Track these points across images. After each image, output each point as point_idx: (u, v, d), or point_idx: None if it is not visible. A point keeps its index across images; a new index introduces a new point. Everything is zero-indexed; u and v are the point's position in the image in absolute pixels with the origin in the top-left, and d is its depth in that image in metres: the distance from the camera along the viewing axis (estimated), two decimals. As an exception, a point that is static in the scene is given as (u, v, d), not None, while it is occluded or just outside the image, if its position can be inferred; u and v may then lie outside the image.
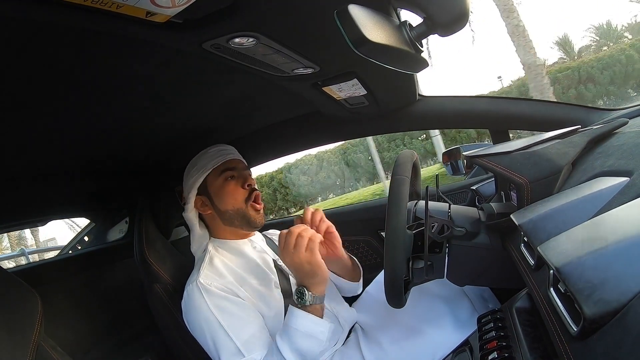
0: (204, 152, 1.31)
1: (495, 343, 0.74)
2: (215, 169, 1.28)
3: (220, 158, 1.29)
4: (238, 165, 1.32)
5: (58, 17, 0.52)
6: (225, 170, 1.28)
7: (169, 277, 1.32)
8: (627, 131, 0.90)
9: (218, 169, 1.28)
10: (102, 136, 1.12)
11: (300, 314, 1.03)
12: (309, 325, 1.03)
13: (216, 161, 1.28)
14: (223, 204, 1.27)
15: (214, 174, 1.28)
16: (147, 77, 0.86)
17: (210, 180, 1.28)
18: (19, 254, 7.10)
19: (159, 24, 0.58)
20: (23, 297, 0.95)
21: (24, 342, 0.86)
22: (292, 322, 1.03)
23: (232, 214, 1.27)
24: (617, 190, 0.61)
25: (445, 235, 0.96)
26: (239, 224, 1.29)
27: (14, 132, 0.90)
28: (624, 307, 0.38)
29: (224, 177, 1.28)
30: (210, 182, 1.28)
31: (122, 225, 2.01)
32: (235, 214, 1.27)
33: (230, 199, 1.27)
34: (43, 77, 0.71)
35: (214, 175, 1.28)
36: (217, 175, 1.28)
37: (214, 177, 1.28)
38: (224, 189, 1.27)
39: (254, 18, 0.63)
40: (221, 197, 1.27)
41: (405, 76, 1.18)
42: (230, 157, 1.31)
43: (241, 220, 1.28)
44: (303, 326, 1.02)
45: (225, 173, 1.28)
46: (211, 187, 1.28)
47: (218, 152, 1.31)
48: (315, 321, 1.03)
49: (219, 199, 1.27)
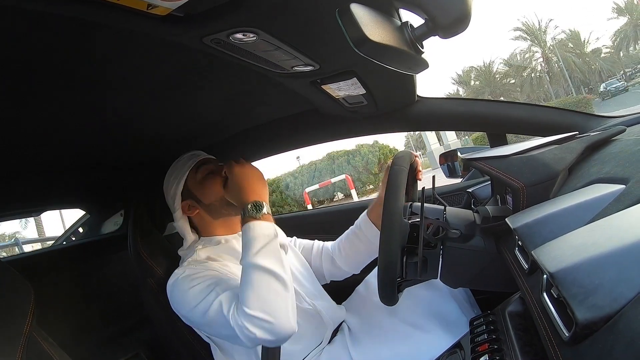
0: (176, 162, 1.33)
1: (486, 346, 0.74)
2: (192, 169, 1.29)
3: (193, 159, 1.31)
4: (211, 161, 1.33)
5: (57, 8, 0.51)
6: (200, 166, 1.30)
7: (162, 271, 1.31)
8: (625, 139, 0.90)
9: (194, 169, 1.29)
10: (99, 129, 1.11)
11: (261, 223, 1.02)
12: (270, 230, 1.02)
13: (190, 163, 1.29)
14: (207, 198, 1.27)
15: (192, 174, 1.29)
16: (145, 72, 0.85)
17: (190, 181, 1.29)
18: (12, 243, 7.07)
19: (159, 17, 0.58)
20: (15, 287, 0.94)
21: (15, 333, 0.86)
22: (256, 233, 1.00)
23: (217, 205, 1.27)
24: (613, 198, 0.61)
25: (439, 236, 0.97)
26: (226, 211, 1.28)
27: (10, 124, 0.90)
28: (616, 314, 0.38)
29: (201, 172, 1.28)
30: (190, 183, 1.29)
31: (117, 218, 2.00)
32: (221, 203, 1.26)
33: (212, 190, 1.26)
34: (40, 69, 0.71)
35: (192, 176, 1.29)
36: (194, 174, 1.29)
37: (193, 177, 1.29)
38: (204, 183, 1.27)
39: (255, 14, 0.63)
40: (203, 191, 1.27)
41: (405, 77, 1.18)
42: (203, 157, 1.33)
43: (227, 207, 1.27)
44: (265, 231, 1.01)
45: (201, 168, 1.29)
46: (192, 187, 1.29)
47: (190, 156, 1.33)
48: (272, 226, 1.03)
49: (202, 194, 1.28)
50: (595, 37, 54.18)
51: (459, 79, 41.52)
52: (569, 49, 35.38)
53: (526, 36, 35.95)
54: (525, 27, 35.61)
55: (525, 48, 36.85)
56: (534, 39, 35.66)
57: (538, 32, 35.32)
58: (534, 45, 36.10)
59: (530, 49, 36.59)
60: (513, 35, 37.12)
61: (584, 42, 36.52)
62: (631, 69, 33.57)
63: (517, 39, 36.37)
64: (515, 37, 36.38)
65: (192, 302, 1.04)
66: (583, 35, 37.51)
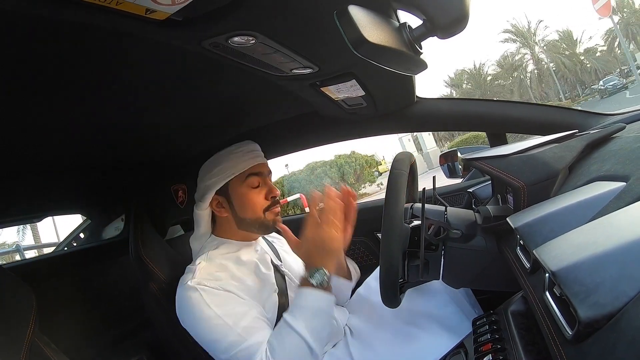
0: (231, 152, 1.25)
1: (490, 346, 0.74)
2: (241, 173, 1.23)
3: (248, 162, 1.24)
4: (264, 171, 1.27)
5: (56, 12, 0.51)
6: (250, 175, 1.23)
7: (164, 275, 1.31)
8: (625, 136, 0.90)
9: (244, 174, 1.23)
10: (99, 133, 1.11)
11: (318, 293, 1.03)
12: (325, 303, 1.04)
13: (243, 165, 1.23)
14: (243, 212, 1.23)
15: (239, 177, 1.23)
16: (145, 75, 0.85)
17: (234, 184, 1.23)
18: (14, 250, 7.07)
19: (158, 22, 0.58)
20: (18, 294, 0.94)
21: (18, 339, 0.86)
22: (309, 302, 1.03)
23: (250, 222, 1.24)
24: (614, 195, 0.61)
25: (441, 237, 0.97)
26: (256, 230, 1.27)
27: (10, 128, 0.90)
28: (618, 312, 0.38)
29: (248, 183, 1.23)
30: (233, 185, 1.23)
31: (118, 223, 2.00)
32: (254, 222, 1.24)
33: (251, 207, 1.23)
34: (40, 73, 0.71)
35: (239, 179, 1.23)
36: (241, 180, 1.23)
37: (238, 182, 1.23)
38: (247, 196, 1.22)
39: (254, 17, 0.63)
40: (243, 204, 1.23)
41: (404, 78, 1.18)
42: (259, 162, 1.26)
43: (259, 227, 1.25)
44: (319, 304, 1.03)
45: (249, 179, 1.23)
46: (233, 191, 1.23)
47: (246, 153, 1.25)
48: (329, 298, 1.05)
49: (240, 206, 1.23)
50: (589, 36, 54.17)
51: (452, 82, 41.57)
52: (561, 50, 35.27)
53: (515, 38, 35.82)
54: (514, 29, 35.50)
55: (514, 50, 36.73)
56: (523, 41, 35.53)
57: (527, 33, 35.19)
58: (523, 47, 35.98)
59: (520, 51, 36.46)
60: (502, 37, 37.02)
61: (576, 42, 36.46)
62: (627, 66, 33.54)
63: (506, 41, 36.26)
64: (504, 39, 36.28)
65: (211, 334, 1.05)
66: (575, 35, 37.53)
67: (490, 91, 39.33)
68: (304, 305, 1.03)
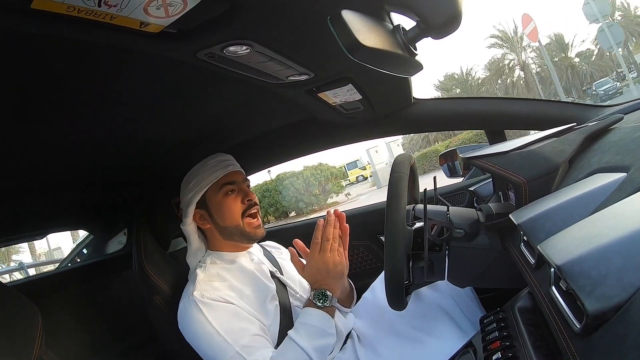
0: (203, 164, 1.28)
1: (498, 343, 0.74)
2: (215, 183, 1.25)
3: (219, 172, 1.26)
4: (237, 178, 1.29)
5: (52, 30, 0.52)
6: (224, 184, 1.26)
7: (168, 288, 1.31)
8: (623, 127, 0.90)
9: (218, 183, 1.25)
10: (98, 148, 1.11)
11: (321, 314, 1.08)
12: (327, 324, 1.08)
13: (215, 175, 1.25)
14: (222, 220, 1.25)
15: (214, 188, 1.25)
16: (142, 88, 0.86)
17: (210, 195, 1.25)
18: (17, 268, 7.05)
19: (153, 35, 0.58)
20: (23, 311, 0.94)
21: (25, 356, 0.85)
22: (314, 321, 1.07)
23: (231, 230, 1.26)
24: (615, 186, 0.61)
25: (444, 237, 0.97)
26: (239, 239, 1.28)
27: (10, 145, 0.90)
28: (626, 302, 0.38)
29: (223, 192, 1.25)
30: (209, 197, 1.25)
31: (120, 237, 2.00)
32: (235, 230, 1.26)
33: (229, 214, 1.25)
34: (37, 89, 0.71)
35: (214, 190, 1.25)
36: (216, 190, 1.25)
37: (214, 192, 1.25)
38: (224, 204, 1.25)
39: (248, 26, 0.63)
40: (221, 213, 1.25)
41: (400, 80, 1.18)
42: (230, 170, 1.28)
43: (241, 236, 1.27)
44: (323, 325, 1.07)
45: (224, 188, 1.25)
46: (210, 202, 1.26)
47: (217, 163, 1.28)
48: (330, 320, 1.09)
49: (219, 215, 1.25)
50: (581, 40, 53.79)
51: (441, 86, 41.44)
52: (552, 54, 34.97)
53: (502, 43, 35.55)
54: (501, 34, 35.23)
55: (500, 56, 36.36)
56: (510, 46, 35.27)
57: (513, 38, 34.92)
58: (509, 54, 35.68)
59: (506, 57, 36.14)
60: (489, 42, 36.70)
61: (568, 45, 36.27)
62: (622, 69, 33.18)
63: (493, 46, 35.97)
64: (491, 44, 36.00)
65: (211, 350, 1.07)
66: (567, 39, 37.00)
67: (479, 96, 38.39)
68: (308, 323, 1.07)
